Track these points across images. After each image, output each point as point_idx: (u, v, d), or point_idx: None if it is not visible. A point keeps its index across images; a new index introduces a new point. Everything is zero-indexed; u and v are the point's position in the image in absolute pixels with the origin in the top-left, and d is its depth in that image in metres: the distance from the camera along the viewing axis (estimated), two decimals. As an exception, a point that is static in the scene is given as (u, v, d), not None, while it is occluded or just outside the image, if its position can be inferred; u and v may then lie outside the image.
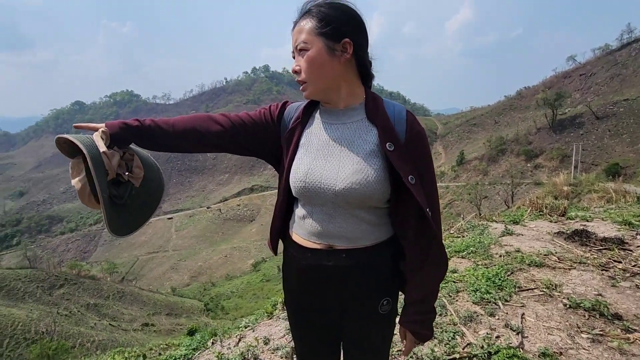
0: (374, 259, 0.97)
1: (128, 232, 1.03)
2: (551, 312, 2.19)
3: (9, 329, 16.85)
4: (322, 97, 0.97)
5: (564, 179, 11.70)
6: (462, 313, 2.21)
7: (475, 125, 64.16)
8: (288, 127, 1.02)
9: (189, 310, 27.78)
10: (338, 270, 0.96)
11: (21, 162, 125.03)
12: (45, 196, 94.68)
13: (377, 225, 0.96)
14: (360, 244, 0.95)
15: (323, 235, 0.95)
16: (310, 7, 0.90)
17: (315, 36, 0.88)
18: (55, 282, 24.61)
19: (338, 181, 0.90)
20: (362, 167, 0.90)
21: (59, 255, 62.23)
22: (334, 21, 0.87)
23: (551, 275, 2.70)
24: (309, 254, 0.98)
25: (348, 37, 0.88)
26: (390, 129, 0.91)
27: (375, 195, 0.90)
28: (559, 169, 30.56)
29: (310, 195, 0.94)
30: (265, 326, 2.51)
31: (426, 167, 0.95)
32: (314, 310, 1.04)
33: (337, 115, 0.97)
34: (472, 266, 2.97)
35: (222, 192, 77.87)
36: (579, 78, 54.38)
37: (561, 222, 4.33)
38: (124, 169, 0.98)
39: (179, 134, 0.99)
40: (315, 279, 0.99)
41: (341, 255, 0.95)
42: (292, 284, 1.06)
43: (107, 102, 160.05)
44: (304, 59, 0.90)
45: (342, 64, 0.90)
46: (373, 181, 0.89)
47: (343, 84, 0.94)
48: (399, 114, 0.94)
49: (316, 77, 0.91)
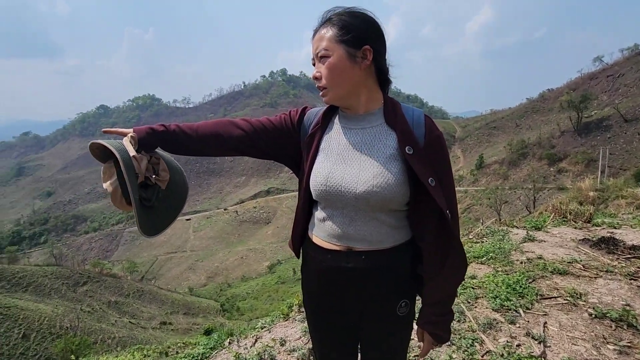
0: (393, 261, 0.98)
1: (156, 233, 1.07)
2: (575, 322, 2.12)
3: (36, 324, 17.56)
4: (342, 102, 0.99)
5: (589, 184, 11.26)
6: (481, 320, 2.17)
7: (495, 128, 62.68)
8: (308, 132, 1.04)
9: (205, 310, 28.21)
10: (357, 272, 0.97)
11: (49, 163, 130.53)
12: (71, 196, 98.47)
13: (396, 227, 0.98)
14: (380, 246, 0.97)
15: (343, 237, 0.97)
16: (330, 15, 0.93)
17: (336, 43, 0.91)
18: (79, 279, 25.51)
19: (359, 184, 0.92)
20: (382, 170, 0.92)
21: (83, 253, 64.54)
22: (354, 29, 0.90)
23: (576, 283, 2.61)
24: (329, 255, 1.00)
25: (368, 44, 0.91)
26: (409, 133, 0.94)
27: (396, 198, 0.92)
28: (584, 174, 29.41)
29: (331, 199, 0.96)
30: (282, 327, 2.52)
31: (445, 170, 0.96)
32: (333, 311, 1.06)
33: (356, 120, 0.99)
34: (491, 272, 2.90)
35: (239, 194, 78.89)
36: (606, 79, 52.30)
37: (586, 229, 4.17)
38: (151, 172, 1.02)
39: (202, 138, 1.04)
40: (335, 280, 1.01)
41: (360, 257, 0.97)
42: (311, 285, 1.08)
43: (129, 106, 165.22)
44: (325, 66, 0.92)
45: (362, 70, 0.92)
46: (393, 184, 0.91)
47: (363, 89, 0.96)
48: (418, 118, 0.97)
49: (337, 83, 0.93)
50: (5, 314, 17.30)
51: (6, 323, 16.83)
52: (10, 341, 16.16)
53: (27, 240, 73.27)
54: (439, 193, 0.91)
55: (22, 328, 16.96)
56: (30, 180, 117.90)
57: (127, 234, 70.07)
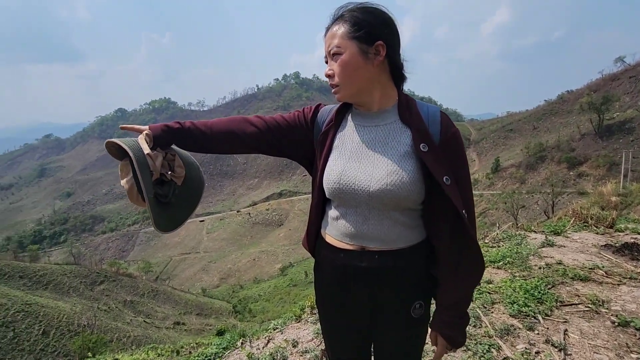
0: (407, 262, 0.96)
1: (173, 228, 1.08)
2: (598, 330, 2.04)
3: (55, 321, 18.06)
4: (356, 100, 0.98)
5: (612, 189, 10.90)
6: (498, 325, 2.11)
7: (512, 131, 61.34)
8: (321, 129, 1.03)
9: (218, 311, 28.46)
10: (370, 271, 0.96)
11: (69, 165, 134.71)
12: (90, 197, 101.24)
13: (410, 227, 0.96)
14: (394, 245, 0.95)
15: (356, 236, 0.96)
16: (342, 12, 0.92)
17: (348, 40, 0.89)
18: (96, 278, 26.14)
19: (372, 182, 0.91)
20: (396, 168, 0.90)
21: (100, 253, 66.16)
22: (366, 25, 0.89)
23: (597, 290, 2.52)
24: (342, 254, 0.99)
25: (381, 40, 0.89)
26: (424, 130, 0.92)
27: (411, 197, 0.90)
28: (605, 178, 28.46)
29: (344, 197, 0.95)
30: (294, 329, 2.52)
31: (461, 168, 0.94)
32: (346, 311, 1.04)
33: (370, 117, 0.98)
34: (508, 277, 2.82)
35: (252, 197, 79.52)
36: (628, 80, 50.59)
37: (609, 235, 4.03)
38: (167, 168, 1.03)
39: (216, 135, 1.04)
40: (348, 279, 0.99)
41: (374, 256, 0.95)
42: (324, 284, 1.07)
43: (146, 109, 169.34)
44: (338, 63, 0.91)
45: (375, 66, 0.91)
46: (407, 182, 0.89)
47: (376, 86, 0.94)
48: (433, 115, 0.94)
49: (349, 80, 0.92)
50: (27, 310, 17.87)
51: (27, 319, 17.37)
52: (31, 337, 16.67)
53: (47, 240, 75.63)
54: (455, 192, 0.89)
55: (42, 325, 17.47)
56: (51, 181, 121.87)
57: (142, 235, 71.49)
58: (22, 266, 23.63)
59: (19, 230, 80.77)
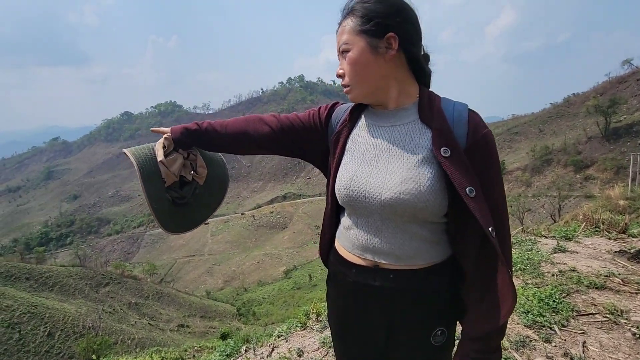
0: (428, 283, 0.85)
1: (188, 229, 1.11)
2: (618, 342, 1.95)
3: (61, 323, 18.15)
4: (370, 99, 0.89)
5: (619, 192, 10.74)
6: (513, 337, 2.03)
7: (517, 134, 60.92)
8: (335, 130, 0.95)
9: (222, 314, 28.44)
10: (385, 292, 0.85)
11: (76, 167, 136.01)
12: (96, 199, 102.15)
13: (431, 242, 0.84)
14: (411, 263, 0.84)
15: (368, 250, 0.86)
16: (352, 5, 0.83)
17: (356, 35, 0.81)
18: (101, 280, 26.27)
19: (384, 190, 0.81)
20: (413, 174, 0.79)
21: (106, 255, 66.59)
22: (376, 16, 0.79)
23: (615, 299, 2.42)
24: (354, 270, 0.90)
25: (392, 32, 0.79)
26: (447, 131, 0.80)
27: (429, 208, 0.79)
28: (613, 181, 28.08)
29: (355, 205, 0.86)
30: (299, 337, 2.45)
31: (493, 178, 0.81)
32: (358, 333, 0.94)
33: (386, 117, 0.88)
34: (521, 285, 2.74)
35: (256, 199, 79.73)
36: (635, 83, 50.04)
37: (622, 240, 3.91)
38: (189, 169, 1.06)
39: (231, 135, 1.02)
40: (360, 298, 0.90)
41: (389, 275, 0.85)
42: (335, 300, 0.99)
43: (152, 112, 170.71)
44: (347, 61, 0.83)
45: (387, 61, 0.81)
46: (425, 191, 0.77)
47: (392, 82, 0.84)
48: (459, 114, 0.82)
49: (360, 79, 0.83)
50: (32, 312, 17.97)
51: (33, 321, 17.47)
52: (36, 339, 16.75)
53: (54, 241, 76.36)
54: (481, 206, 0.76)
55: (48, 327, 17.56)
56: (58, 184, 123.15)
57: (147, 237, 71.87)
58: (29, 268, 23.82)
59: (26, 232, 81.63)
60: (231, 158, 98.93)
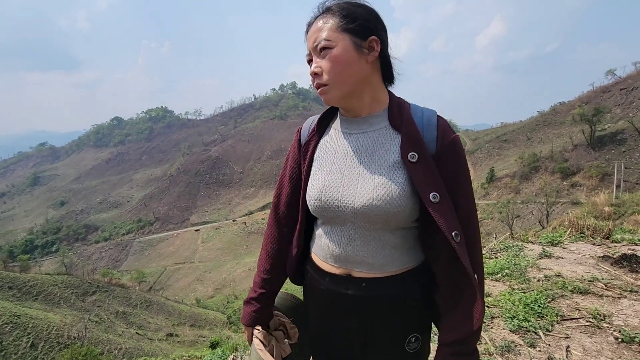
0: (400, 290, 0.84)
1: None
2: (601, 346, 1.99)
3: (45, 333, 17.63)
4: (345, 103, 0.86)
5: (605, 199, 11.00)
6: (498, 342, 2.05)
7: (506, 141, 62.01)
8: (304, 141, 0.95)
9: (212, 322, 28.00)
10: (358, 300, 0.85)
11: (63, 173, 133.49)
12: (84, 206, 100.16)
13: (403, 249, 0.84)
14: (384, 271, 0.84)
15: (341, 259, 0.86)
16: (330, 4, 0.82)
17: (340, 32, 0.79)
18: (88, 288, 25.67)
19: (357, 198, 0.80)
20: (384, 180, 0.79)
21: (93, 262, 65.15)
22: (360, 17, 0.79)
23: (598, 304, 2.47)
24: (328, 278, 0.90)
25: (374, 35, 0.80)
26: (416, 137, 0.80)
27: (401, 213, 0.79)
28: (598, 188, 28.75)
29: (327, 215, 0.86)
30: (288, 345, 2.44)
31: (460, 183, 0.81)
32: (333, 340, 0.94)
33: (357, 123, 0.87)
34: (507, 290, 2.77)
35: (248, 206, 79.19)
36: (619, 93, 51.54)
37: (606, 246, 4.00)
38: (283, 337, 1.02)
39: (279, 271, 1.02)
40: (334, 307, 0.90)
41: (361, 284, 0.85)
42: (311, 308, 0.99)
43: (143, 117, 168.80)
44: (328, 59, 0.79)
45: (369, 63, 0.81)
46: (397, 197, 0.77)
47: (367, 87, 0.84)
48: (429, 120, 0.82)
49: (341, 78, 0.80)
50: (15, 322, 17.44)
51: (15, 332, 16.94)
52: (18, 350, 16.23)
53: (39, 249, 74.46)
54: (445, 211, 0.76)
55: (31, 337, 17.04)
56: (44, 190, 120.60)
57: (136, 244, 70.68)
58: (12, 276, 23.16)
59: (10, 240, 79.54)
60: (223, 164, 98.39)
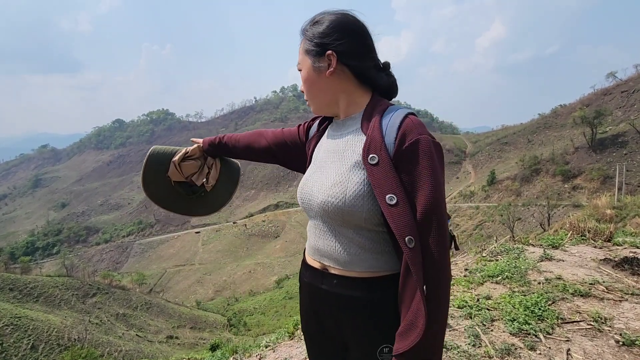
0: (371, 295, 0.83)
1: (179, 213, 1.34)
2: (602, 349, 1.98)
3: (45, 335, 17.60)
4: (326, 111, 0.97)
5: (606, 202, 10.96)
6: (498, 345, 2.04)
7: (507, 144, 61.97)
8: (309, 140, 1.08)
9: (212, 324, 27.93)
10: (331, 297, 0.88)
11: (65, 175, 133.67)
12: (85, 208, 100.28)
13: (371, 251, 0.83)
14: (352, 270, 0.84)
15: (317, 252, 0.92)
16: (304, 27, 0.91)
17: (304, 56, 0.90)
18: (88, 290, 25.64)
19: (319, 193, 0.87)
20: (343, 179, 0.83)
21: (94, 264, 65.07)
22: (316, 37, 0.87)
23: (599, 307, 2.46)
24: (309, 272, 0.96)
25: (330, 49, 0.85)
26: (377, 140, 0.80)
27: (356, 213, 0.80)
28: (600, 191, 28.65)
29: (304, 208, 0.95)
30: (286, 347, 2.43)
31: (420, 185, 0.75)
32: (318, 334, 0.98)
33: (338, 126, 0.95)
34: (507, 293, 2.76)
35: (248, 208, 79.14)
36: (620, 95, 51.51)
37: (607, 248, 3.98)
38: (203, 175, 1.28)
39: (241, 148, 1.23)
40: (312, 301, 0.95)
41: (333, 280, 0.88)
42: (301, 300, 1.04)
43: (144, 120, 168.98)
44: (301, 79, 0.94)
45: (330, 77, 0.87)
46: (350, 196, 0.80)
47: (340, 95, 0.90)
48: (393, 122, 0.81)
49: (312, 95, 0.93)
50: (15, 324, 17.42)
51: (16, 333, 16.92)
52: (19, 352, 16.19)
53: (40, 251, 74.50)
54: (400, 214, 0.74)
55: (31, 339, 17.01)
56: (46, 192, 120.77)
57: (137, 246, 70.66)
58: (13, 278, 23.15)
59: (11, 242, 79.57)
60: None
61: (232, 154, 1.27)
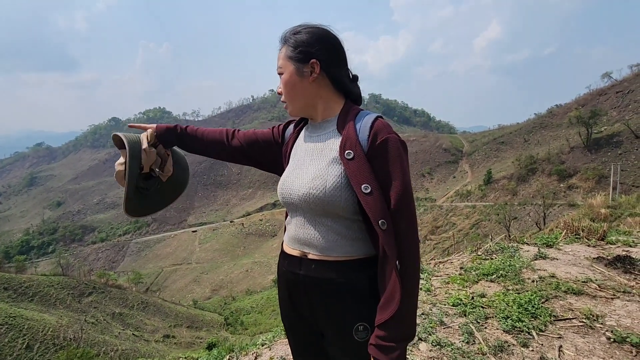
0: (346, 276, 0.93)
1: (140, 215, 1.24)
2: (593, 346, 2.01)
3: (40, 334, 17.50)
4: (303, 114, 1.06)
5: (601, 201, 11.04)
6: (492, 342, 2.07)
7: (504, 143, 62.24)
8: (286, 142, 1.14)
9: (209, 323, 27.89)
10: (308, 280, 0.96)
11: (60, 174, 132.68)
12: (80, 207, 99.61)
13: (348, 238, 0.94)
14: (330, 255, 0.94)
15: (297, 241, 0.99)
16: (286, 35, 1.00)
17: (287, 61, 0.98)
18: (84, 290, 25.50)
19: (301, 187, 0.96)
20: (322, 173, 0.93)
21: (90, 263, 64.76)
22: (302, 45, 0.96)
23: (591, 304, 2.49)
24: (287, 260, 1.03)
25: (315, 58, 0.95)
26: (352, 138, 0.92)
27: (335, 203, 0.91)
28: (595, 190, 28.85)
29: (285, 203, 1.02)
30: (283, 345, 2.44)
31: (391, 176, 0.88)
32: (296, 321, 1.05)
33: (315, 128, 1.04)
34: (501, 291, 2.79)
35: (245, 207, 79.00)
36: (615, 95, 51.86)
37: (600, 247, 4.03)
38: (158, 165, 1.19)
39: (206, 142, 1.20)
40: (290, 287, 1.02)
41: (311, 265, 0.96)
42: (279, 291, 1.10)
43: (140, 118, 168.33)
44: (281, 82, 1.01)
45: (312, 82, 0.97)
46: (330, 187, 0.91)
47: (318, 100, 1.01)
48: (365, 123, 0.94)
49: (291, 97, 1.01)
50: (10, 323, 17.30)
51: (11, 333, 16.81)
52: (14, 351, 16.09)
53: (35, 250, 73.98)
54: (375, 201, 0.86)
55: (26, 338, 16.90)
56: (41, 190, 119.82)
57: (133, 245, 70.35)
58: (7, 277, 22.97)
59: (6, 241, 78.93)
60: (221, 165, 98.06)
61: (193, 148, 1.20)
